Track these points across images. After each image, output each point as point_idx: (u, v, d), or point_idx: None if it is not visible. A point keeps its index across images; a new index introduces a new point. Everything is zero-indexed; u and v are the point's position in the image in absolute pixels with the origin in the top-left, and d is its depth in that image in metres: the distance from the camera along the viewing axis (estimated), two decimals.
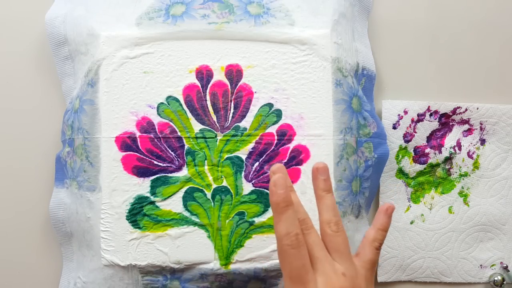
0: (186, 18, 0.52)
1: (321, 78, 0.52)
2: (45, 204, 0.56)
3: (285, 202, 0.37)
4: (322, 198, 0.41)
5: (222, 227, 0.51)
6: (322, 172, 0.42)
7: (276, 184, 0.37)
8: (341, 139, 0.52)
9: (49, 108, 0.58)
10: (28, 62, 0.58)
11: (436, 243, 0.60)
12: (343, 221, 0.52)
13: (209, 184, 0.51)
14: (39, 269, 0.58)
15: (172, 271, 0.51)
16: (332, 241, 0.39)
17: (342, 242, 0.39)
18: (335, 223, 0.40)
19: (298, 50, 0.52)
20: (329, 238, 0.39)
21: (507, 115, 0.60)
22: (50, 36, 0.55)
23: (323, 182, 0.41)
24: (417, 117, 0.59)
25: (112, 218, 0.50)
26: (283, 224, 0.37)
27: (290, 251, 0.37)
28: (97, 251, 0.51)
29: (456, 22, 0.61)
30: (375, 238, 0.41)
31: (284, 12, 0.52)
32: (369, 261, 0.41)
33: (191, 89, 0.51)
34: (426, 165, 0.59)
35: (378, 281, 0.59)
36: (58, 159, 0.55)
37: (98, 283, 0.52)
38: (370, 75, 0.57)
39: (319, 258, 0.38)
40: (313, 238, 0.39)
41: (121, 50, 0.51)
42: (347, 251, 0.39)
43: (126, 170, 0.51)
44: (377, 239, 0.41)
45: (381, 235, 0.41)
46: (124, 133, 0.51)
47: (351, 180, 0.53)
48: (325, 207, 0.41)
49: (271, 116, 0.52)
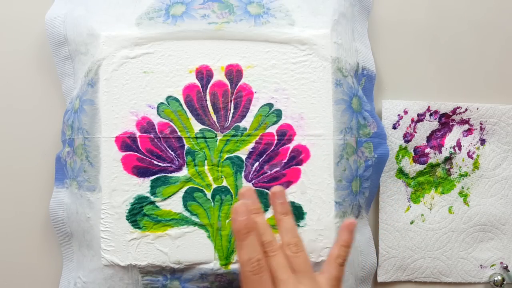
0: (186, 18, 0.51)
1: (321, 78, 0.52)
2: (45, 204, 0.56)
3: (246, 228, 0.38)
4: (281, 221, 0.42)
5: (222, 227, 0.51)
6: (278, 196, 0.43)
7: (237, 211, 0.38)
8: (341, 139, 0.52)
9: (49, 108, 0.58)
10: (28, 62, 0.58)
11: (436, 243, 0.60)
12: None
13: (209, 184, 0.51)
14: (40, 269, 0.58)
15: (172, 271, 0.51)
16: (294, 262, 0.40)
17: (303, 262, 0.40)
18: (294, 245, 0.41)
19: (298, 50, 0.52)
20: (291, 259, 0.40)
21: (507, 115, 0.60)
22: (50, 36, 0.55)
23: (281, 205, 0.43)
24: (417, 117, 0.59)
25: (112, 218, 0.50)
26: (245, 251, 0.38)
27: (252, 277, 0.38)
28: (97, 251, 0.51)
29: (456, 22, 0.61)
30: (339, 255, 0.42)
31: (284, 12, 0.52)
32: (334, 277, 0.41)
33: (191, 89, 0.51)
34: (426, 165, 0.59)
35: (378, 281, 0.59)
36: (58, 159, 0.55)
37: (98, 283, 0.52)
38: (370, 75, 0.57)
39: (283, 280, 0.39)
40: (278, 260, 0.39)
41: (121, 50, 0.51)
42: (309, 270, 0.40)
43: (126, 170, 0.51)
44: (341, 255, 0.42)
45: (344, 252, 0.42)
46: (124, 133, 0.51)
47: (351, 180, 0.53)
48: (284, 230, 0.42)
49: (271, 116, 0.52)
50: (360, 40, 0.57)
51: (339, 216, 0.52)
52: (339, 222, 0.52)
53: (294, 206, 0.51)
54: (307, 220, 0.51)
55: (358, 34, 0.57)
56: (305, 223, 0.51)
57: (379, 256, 0.59)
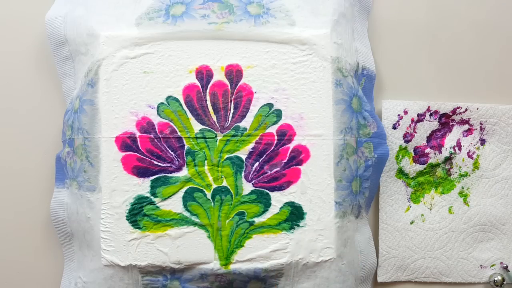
0: (186, 18, 0.51)
1: (321, 78, 0.52)
2: (46, 204, 0.56)
3: None
4: None
5: (222, 227, 0.51)
6: None
7: None
8: (341, 139, 0.52)
9: (49, 108, 0.58)
10: (28, 62, 0.58)
11: (436, 243, 0.60)
12: (343, 221, 0.52)
13: (209, 184, 0.51)
14: (41, 269, 0.58)
15: (172, 271, 0.51)
16: None
17: None
18: None
19: (298, 50, 0.52)
20: None
21: (507, 115, 0.60)
22: (50, 36, 0.55)
23: None
24: (417, 117, 0.59)
25: (112, 218, 0.50)
26: None
27: None
28: (97, 251, 0.51)
29: (456, 22, 0.61)
30: None
31: (284, 12, 0.52)
32: None
33: (191, 89, 0.51)
34: (426, 165, 0.59)
35: (378, 281, 0.59)
36: (58, 159, 0.55)
37: (98, 283, 0.52)
38: (370, 75, 0.57)
39: None
40: None
41: (121, 50, 0.51)
42: None
43: (126, 170, 0.51)
44: None
45: None
46: (124, 133, 0.51)
47: (351, 180, 0.53)
48: None
49: (271, 116, 0.52)
50: (360, 40, 0.57)
51: (339, 216, 0.52)
52: (339, 222, 0.52)
53: (294, 206, 0.51)
54: (307, 220, 0.51)
55: (358, 34, 0.57)
56: (305, 223, 0.51)
57: (379, 256, 0.59)
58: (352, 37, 0.55)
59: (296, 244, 0.51)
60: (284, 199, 0.51)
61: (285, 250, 0.51)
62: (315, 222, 0.51)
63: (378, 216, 0.59)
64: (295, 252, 0.51)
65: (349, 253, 0.53)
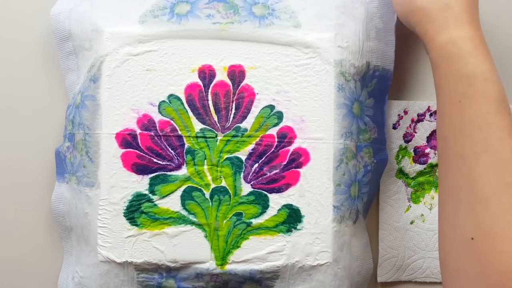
0: (190, 17, 0.52)
1: (324, 81, 0.52)
2: (48, 198, 0.57)
3: None
4: None
5: (219, 227, 0.51)
6: None
7: None
8: (341, 143, 0.52)
9: (53, 103, 0.58)
10: (33, 57, 0.58)
11: (436, 243, 0.59)
12: (341, 226, 0.52)
13: (208, 184, 0.51)
14: (41, 262, 0.58)
15: (167, 270, 0.51)
16: None
17: None
18: None
19: (302, 53, 0.52)
20: None
21: None
22: (55, 31, 0.55)
23: None
24: (417, 117, 0.59)
25: (110, 215, 0.50)
26: None
27: None
28: (94, 246, 0.51)
29: None
30: None
31: (289, 13, 0.52)
32: None
33: (193, 88, 0.51)
34: (426, 165, 0.59)
35: (378, 281, 0.59)
36: (58, 154, 0.55)
37: (94, 278, 0.52)
38: (384, 76, 0.55)
39: None
40: None
41: (125, 47, 0.51)
42: None
43: (126, 167, 0.51)
44: None
45: None
46: (125, 130, 0.51)
47: (350, 184, 0.52)
48: None
49: (272, 118, 0.52)
50: (380, 38, 0.55)
51: (336, 221, 0.51)
52: (336, 226, 0.51)
53: (292, 208, 0.51)
54: (305, 223, 0.51)
55: (378, 32, 0.55)
56: (302, 226, 0.51)
57: (379, 256, 0.59)
58: (367, 37, 0.54)
59: (292, 246, 0.51)
60: (282, 201, 0.51)
61: (282, 252, 0.51)
62: (312, 225, 0.51)
63: (378, 216, 0.59)
64: (292, 255, 0.51)
65: (346, 257, 0.53)
